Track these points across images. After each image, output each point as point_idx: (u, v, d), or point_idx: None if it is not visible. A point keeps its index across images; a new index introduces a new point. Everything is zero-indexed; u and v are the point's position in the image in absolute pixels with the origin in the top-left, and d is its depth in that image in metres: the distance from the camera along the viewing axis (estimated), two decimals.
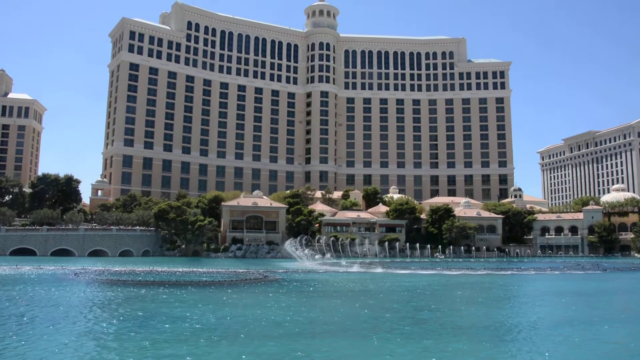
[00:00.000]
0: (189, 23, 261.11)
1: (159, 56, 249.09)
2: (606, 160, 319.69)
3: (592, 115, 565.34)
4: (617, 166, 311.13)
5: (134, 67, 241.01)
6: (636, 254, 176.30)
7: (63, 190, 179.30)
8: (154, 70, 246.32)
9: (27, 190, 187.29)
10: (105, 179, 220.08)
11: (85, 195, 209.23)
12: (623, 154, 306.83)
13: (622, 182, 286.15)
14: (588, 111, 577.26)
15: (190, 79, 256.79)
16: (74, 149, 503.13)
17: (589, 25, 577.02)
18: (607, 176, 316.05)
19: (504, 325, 34.47)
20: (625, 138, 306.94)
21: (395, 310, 41.57)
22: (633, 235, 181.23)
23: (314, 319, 36.82)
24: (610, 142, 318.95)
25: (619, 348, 28.32)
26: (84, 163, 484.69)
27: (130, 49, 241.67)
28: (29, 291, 51.61)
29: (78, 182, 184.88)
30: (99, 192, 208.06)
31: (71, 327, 32.19)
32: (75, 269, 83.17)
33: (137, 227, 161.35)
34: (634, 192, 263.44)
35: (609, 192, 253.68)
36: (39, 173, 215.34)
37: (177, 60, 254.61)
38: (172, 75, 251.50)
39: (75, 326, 32.47)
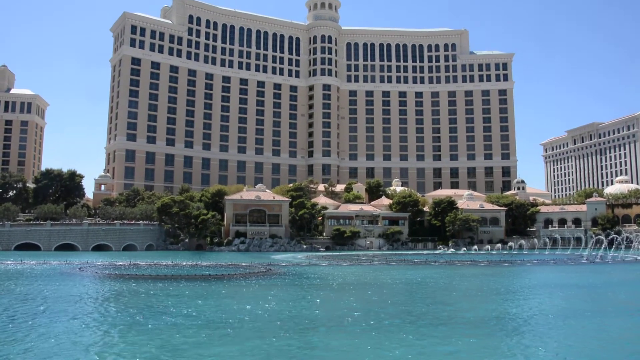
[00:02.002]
0: (190, 17, 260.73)
1: (160, 50, 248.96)
2: (609, 152, 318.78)
3: (595, 107, 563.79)
4: (620, 158, 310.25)
5: (135, 61, 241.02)
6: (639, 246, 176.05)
7: (66, 186, 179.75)
8: (155, 65, 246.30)
9: (31, 185, 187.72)
10: (108, 174, 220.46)
11: (89, 190, 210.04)
12: (627, 146, 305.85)
13: (626, 174, 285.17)
14: (591, 103, 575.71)
15: (192, 72, 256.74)
16: (77, 144, 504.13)
17: (591, 17, 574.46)
18: (611, 168, 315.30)
19: (501, 318, 34.55)
20: (629, 129, 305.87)
21: (396, 303, 41.68)
22: (636, 227, 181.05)
23: (315, 313, 36.95)
24: (613, 133, 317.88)
25: (615, 340, 28.35)
26: (86, 158, 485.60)
27: (132, 43, 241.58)
28: (33, 286, 51.90)
29: (81, 177, 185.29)
30: (102, 187, 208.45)
31: (75, 321, 32.37)
32: (79, 263, 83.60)
33: (141, 222, 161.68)
34: (637, 183, 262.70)
35: (612, 183, 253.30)
36: (42, 168, 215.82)
37: (179, 54, 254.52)
38: (173, 69, 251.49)
39: (78, 320, 32.65)
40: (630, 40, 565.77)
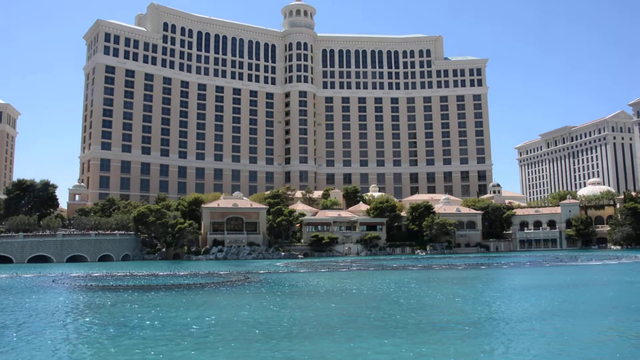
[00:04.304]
0: (165, 24, 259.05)
1: (135, 58, 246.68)
2: (582, 155, 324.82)
3: (567, 111, 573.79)
4: (592, 160, 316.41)
5: (109, 69, 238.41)
6: (612, 246, 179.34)
7: (39, 196, 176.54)
8: (130, 73, 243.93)
9: (2, 196, 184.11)
10: (82, 184, 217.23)
11: (63, 201, 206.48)
12: (598, 148, 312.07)
13: (598, 176, 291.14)
14: (564, 106, 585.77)
15: (167, 80, 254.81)
16: (50, 153, 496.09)
17: (563, 21, 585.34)
18: (583, 170, 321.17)
19: (480, 320, 34.78)
20: (600, 132, 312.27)
21: (373, 308, 41.70)
22: (609, 228, 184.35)
23: (293, 320, 36.79)
24: (585, 136, 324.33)
25: (593, 340, 28.74)
26: (60, 168, 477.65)
27: (106, 51, 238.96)
28: (4, 299, 50.75)
29: (55, 187, 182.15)
30: (77, 197, 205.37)
31: (48, 335, 31.74)
32: (53, 275, 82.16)
33: (117, 232, 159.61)
34: (609, 185, 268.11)
35: (585, 186, 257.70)
36: (14, 179, 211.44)
37: (154, 62, 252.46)
38: (149, 77, 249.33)
39: (52, 334, 32.02)
40: (605, 43, 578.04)
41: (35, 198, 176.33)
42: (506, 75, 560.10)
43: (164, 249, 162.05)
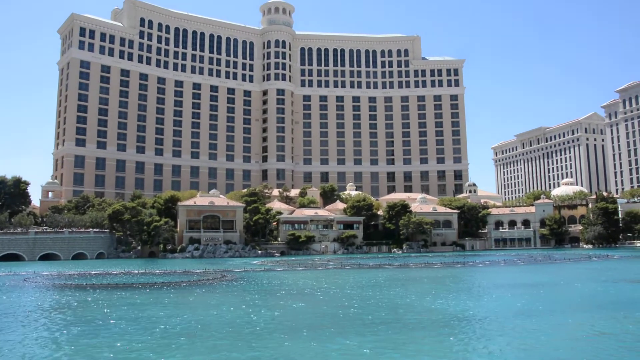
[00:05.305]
0: (142, 20, 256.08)
1: (110, 53, 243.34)
2: (556, 155, 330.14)
3: (542, 112, 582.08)
4: (566, 161, 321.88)
5: (84, 64, 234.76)
6: (584, 245, 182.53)
7: (11, 193, 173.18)
8: (105, 68, 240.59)
9: None
10: (56, 180, 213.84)
11: (35, 198, 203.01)
12: (572, 149, 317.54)
13: (571, 176, 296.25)
14: (539, 107, 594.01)
15: (143, 76, 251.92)
16: (23, 149, 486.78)
17: (538, 23, 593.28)
18: (557, 170, 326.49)
19: (452, 319, 35.03)
20: (573, 134, 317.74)
21: (345, 307, 41.69)
22: (581, 227, 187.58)
23: (264, 319, 36.65)
24: (559, 137, 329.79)
25: (568, 338, 29.13)
26: (33, 164, 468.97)
27: (81, 46, 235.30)
28: None
29: (27, 183, 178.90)
30: (50, 194, 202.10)
31: (19, 335, 31.13)
32: (24, 273, 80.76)
33: (91, 229, 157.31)
34: (582, 185, 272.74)
35: (559, 186, 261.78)
36: None
37: (130, 58, 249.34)
38: (124, 73, 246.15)
39: (23, 334, 31.41)
40: (577, 47, 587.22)
41: (6, 195, 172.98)
42: (483, 76, 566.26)
43: (139, 247, 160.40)
